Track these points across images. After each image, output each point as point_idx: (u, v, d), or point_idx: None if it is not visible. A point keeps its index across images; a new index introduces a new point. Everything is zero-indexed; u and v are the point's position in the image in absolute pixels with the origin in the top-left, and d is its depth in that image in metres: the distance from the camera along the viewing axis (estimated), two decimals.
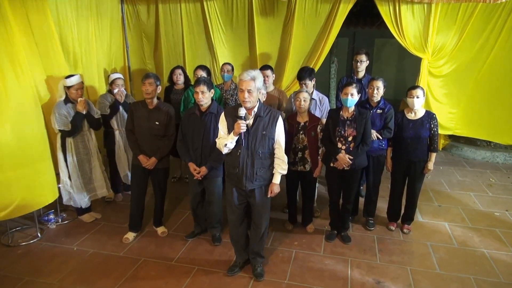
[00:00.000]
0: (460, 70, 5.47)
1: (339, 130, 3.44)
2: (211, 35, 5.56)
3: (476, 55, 5.39)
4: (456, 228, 4.05)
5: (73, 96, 3.77)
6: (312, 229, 3.97)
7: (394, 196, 3.95)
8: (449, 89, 5.62)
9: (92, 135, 4.05)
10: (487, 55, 5.38)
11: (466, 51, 5.35)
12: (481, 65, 5.45)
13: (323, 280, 3.19)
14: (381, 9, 4.98)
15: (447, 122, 5.77)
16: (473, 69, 5.47)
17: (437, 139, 3.66)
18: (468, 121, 5.78)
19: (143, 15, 5.81)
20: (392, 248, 3.68)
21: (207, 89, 3.29)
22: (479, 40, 5.29)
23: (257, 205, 3.03)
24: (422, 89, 3.61)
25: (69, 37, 4.43)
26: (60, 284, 3.16)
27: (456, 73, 5.49)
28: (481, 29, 5.22)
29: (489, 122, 5.70)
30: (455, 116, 5.78)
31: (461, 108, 5.72)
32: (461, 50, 5.33)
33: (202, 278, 3.23)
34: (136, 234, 3.87)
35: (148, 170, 3.67)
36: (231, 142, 2.84)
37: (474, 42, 5.30)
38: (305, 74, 3.92)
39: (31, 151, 3.49)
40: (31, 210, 3.62)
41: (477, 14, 5.05)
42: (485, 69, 5.46)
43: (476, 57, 5.41)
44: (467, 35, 5.21)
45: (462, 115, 5.76)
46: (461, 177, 5.49)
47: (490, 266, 3.39)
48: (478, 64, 5.44)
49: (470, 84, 5.57)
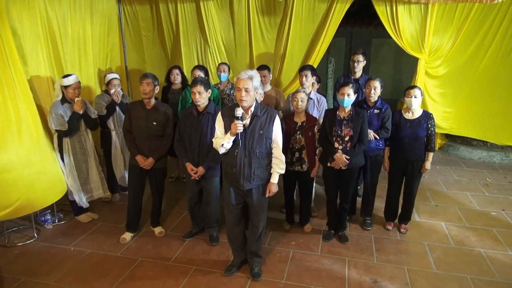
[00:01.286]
0: (456, 70, 5.48)
1: (336, 130, 3.45)
2: (208, 35, 5.56)
3: (472, 55, 5.41)
4: (453, 227, 4.06)
5: (70, 95, 3.76)
6: (309, 229, 3.98)
7: (391, 196, 3.96)
8: (445, 89, 5.63)
9: (89, 136, 4.04)
10: (483, 55, 5.39)
11: (463, 51, 5.36)
12: (477, 65, 5.46)
13: (321, 280, 3.19)
14: (378, 9, 4.99)
15: (443, 121, 5.77)
16: (469, 69, 5.48)
17: (434, 139, 3.67)
18: (464, 120, 5.79)
19: (140, 14, 5.79)
20: (389, 247, 3.69)
21: (204, 89, 3.29)
22: (475, 40, 5.30)
23: (254, 205, 3.03)
24: (419, 89, 3.62)
25: (63, 37, 4.39)
26: (57, 284, 3.14)
27: (452, 73, 5.49)
28: (477, 29, 5.23)
29: (485, 122, 5.71)
30: (451, 115, 5.78)
31: (456, 107, 5.72)
32: (458, 50, 5.34)
33: (200, 278, 3.22)
34: (133, 234, 3.86)
35: (145, 170, 3.66)
36: (227, 142, 2.84)
37: (471, 42, 5.32)
38: (306, 66, 4.02)
39: (32, 151, 3.48)
40: (34, 210, 3.62)
41: (474, 15, 5.08)
42: (481, 69, 5.47)
43: (472, 57, 5.42)
44: (464, 35, 5.22)
45: (458, 115, 5.77)
46: (458, 176, 5.51)
47: (487, 266, 3.40)
48: (474, 64, 5.45)
49: (466, 84, 5.58)
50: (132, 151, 3.64)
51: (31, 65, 3.83)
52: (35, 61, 3.87)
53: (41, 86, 3.91)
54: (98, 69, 5.16)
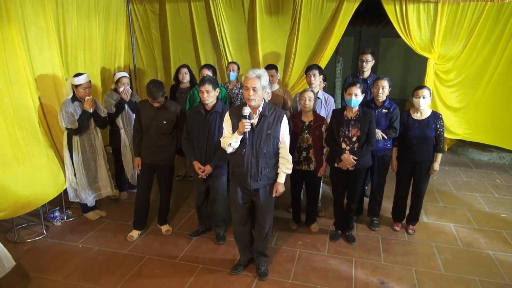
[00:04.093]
0: (470, 73, 5.23)
1: (343, 130, 3.43)
2: (217, 34, 5.56)
3: (487, 58, 5.13)
4: (462, 229, 4.03)
5: (81, 94, 3.79)
6: (316, 229, 3.97)
7: (399, 197, 3.93)
8: (459, 94, 5.36)
9: (98, 134, 4.07)
10: (499, 57, 5.11)
11: (476, 53, 5.13)
12: (493, 69, 5.17)
13: (327, 280, 3.19)
14: (387, 8, 4.95)
15: (456, 127, 5.53)
16: (483, 72, 5.21)
17: (443, 140, 3.64)
18: (477, 126, 5.48)
19: (150, 13, 5.82)
20: (397, 248, 3.67)
21: (212, 88, 3.30)
22: (489, 42, 5.05)
23: (261, 205, 3.04)
24: (428, 89, 3.59)
25: (70, 35, 4.40)
26: (65, 280, 3.18)
27: (465, 76, 5.25)
28: (490, 30, 5.00)
29: (499, 127, 5.39)
30: (464, 120, 5.49)
31: (471, 112, 5.42)
32: (470, 52, 5.12)
33: (206, 276, 3.24)
34: (140, 232, 3.88)
35: (154, 168, 3.69)
36: (235, 141, 2.84)
37: (484, 44, 5.07)
38: (313, 66, 4.02)
39: (28, 148, 3.53)
40: (33, 208, 3.64)
41: (486, 15, 4.90)
42: (497, 72, 5.17)
43: (487, 60, 5.14)
44: (476, 36, 5.02)
45: (471, 120, 5.47)
46: (467, 178, 5.45)
47: (496, 268, 3.36)
48: (489, 67, 5.17)
49: (480, 88, 5.31)
50: (134, 150, 3.75)
51: (38, 64, 3.85)
52: (42, 60, 3.89)
53: (48, 85, 3.93)
54: (104, 68, 5.19)
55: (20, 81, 3.51)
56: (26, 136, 3.56)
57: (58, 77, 4.01)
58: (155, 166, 3.70)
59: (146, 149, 3.65)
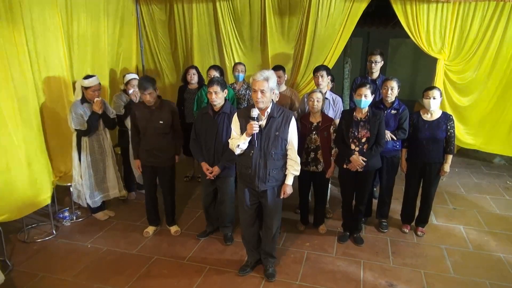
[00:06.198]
0: (481, 75, 4.97)
1: (352, 132, 3.41)
2: (223, 35, 5.57)
3: (501, 62, 4.85)
4: (472, 231, 3.98)
5: (90, 96, 3.82)
6: (324, 230, 3.95)
7: (408, 198, 3.90)
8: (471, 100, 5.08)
9: (107, 135, 4.10)
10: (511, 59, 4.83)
11: (489, 57, 4.90)
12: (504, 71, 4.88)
13: (335, 282, 3.17)
14: (396, 9, 4.91)
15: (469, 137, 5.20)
16: (494, 74, 4.93)
17: (453, 141, 3.60)
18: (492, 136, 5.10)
19: (158, 15, 5.85)
20: (406, 250, 3.64)
21: (220, 89, 3.31)
22: (503, 45, 4.80)
23: (269, 206, 3.03)
24: (439, 90, 3.55)
25: (76, 36, 4.42)
26: (74, 280, 3.21)
27: (476, 77, 5.00)
28: (503, 33, 4.76)
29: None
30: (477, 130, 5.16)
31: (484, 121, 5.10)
32: (482, 55, 4.91)
33: (214, 277, 3.24)
34: (156, 227, 3.96)
35: (155, 169, 3.72)
36: (243, 143, 2.84)
37: (497, 47, 4.83)
38: (320, 66, 4.02)
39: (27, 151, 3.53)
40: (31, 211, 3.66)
41: (499, 16, 4.79)
42: (508, 74, 4.87)
43: (500, 64, 4.87)
44: (487, 38, 4.83)
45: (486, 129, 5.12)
46: (477, 179, 5.39)
47: (507, 271, 3.32)
48: (501, 69, 4.89)
49: (495, 95, 5.00)
50: (134, 152, 3.80)
51: (45, 65, 3.87)
52: (50, 61, 3.92)
53: (55, 86, 3.96)
54: (112, 69, 5.22)
55: (23, 83, 3.53)
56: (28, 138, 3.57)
57: (65, 78, 4.05)
58: (156, 168, 3.73)
59: (145, 152, 3.66)
